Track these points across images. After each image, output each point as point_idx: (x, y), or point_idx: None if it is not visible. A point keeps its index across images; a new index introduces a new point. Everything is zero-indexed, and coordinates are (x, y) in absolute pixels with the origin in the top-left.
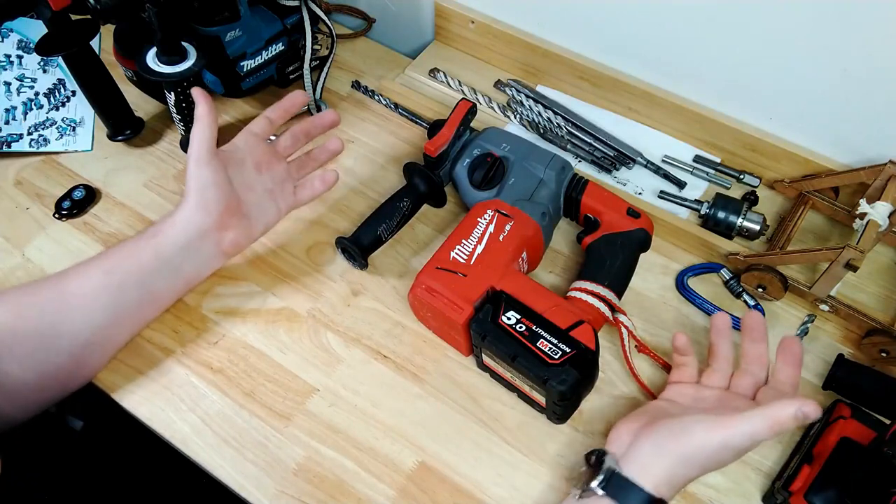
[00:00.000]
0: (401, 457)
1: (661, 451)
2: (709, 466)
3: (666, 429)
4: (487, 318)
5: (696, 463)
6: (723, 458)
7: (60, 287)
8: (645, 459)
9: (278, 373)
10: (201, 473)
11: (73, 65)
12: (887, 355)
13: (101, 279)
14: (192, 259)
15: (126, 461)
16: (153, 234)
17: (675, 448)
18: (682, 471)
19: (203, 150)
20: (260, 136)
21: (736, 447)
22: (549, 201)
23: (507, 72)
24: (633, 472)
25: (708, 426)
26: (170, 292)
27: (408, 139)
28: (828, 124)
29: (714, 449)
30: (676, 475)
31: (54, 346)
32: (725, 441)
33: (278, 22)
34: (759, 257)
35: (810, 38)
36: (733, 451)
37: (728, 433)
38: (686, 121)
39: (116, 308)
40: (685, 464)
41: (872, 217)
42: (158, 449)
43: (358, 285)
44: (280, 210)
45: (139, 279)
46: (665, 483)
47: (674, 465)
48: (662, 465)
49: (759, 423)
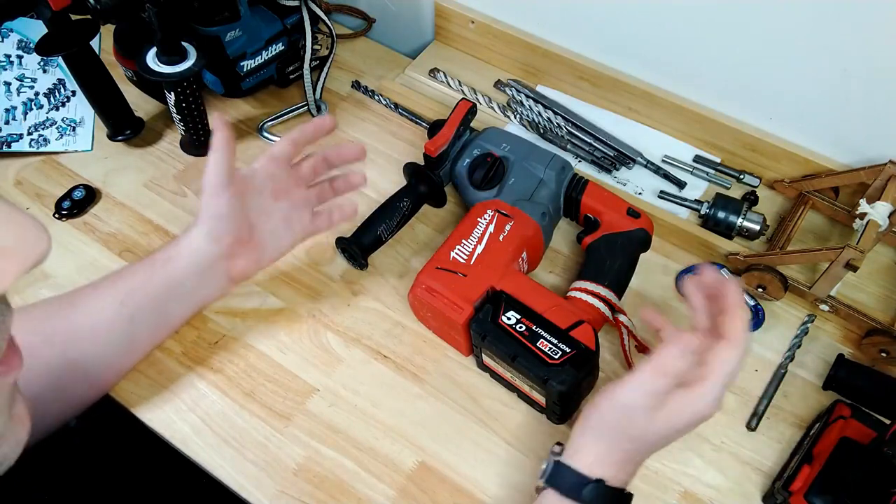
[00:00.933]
0: (401, 457)
1: (585, 428)
2: (633, 435)
3: (589, 404)
4: (487, 318)
5: (612, 434)
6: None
7: (73, 320)
8: (578, 441)
9: (278, 373)
10: (201, 473)
11: (73, 65)
12: (887, 355)
13: (115, 311)
14: (202, 285)
15: (126, 461)
16: (165, 261)
17: (591, 421)
18: (604, 444)
19: (219, 179)
20: (281, 160)
21: (633, 404)
22: (549, 201)
23: (507, 72)
24: (570, 456)
25: (610, 390)
26: (182, 317)
27: (408, 139)
28: (828, 124)
29: (617, 412)
30: (602, 450)
31: (70, 377)
32: (621, 401)
33: (278, 22)
34: (759, 257)
35: (810, 38)
36: (639, 409)
37: (619, 391)
38: (686, 121)
39: (131, 337)
40: (604, 436)
41: (872, 217)
42: (158, 449)
43: (358, 285)
44: (295, 237)
45: (152, 307)
46: (597, 462)
47: (594, 439)
48: (587, 442)
49: (644, 372)
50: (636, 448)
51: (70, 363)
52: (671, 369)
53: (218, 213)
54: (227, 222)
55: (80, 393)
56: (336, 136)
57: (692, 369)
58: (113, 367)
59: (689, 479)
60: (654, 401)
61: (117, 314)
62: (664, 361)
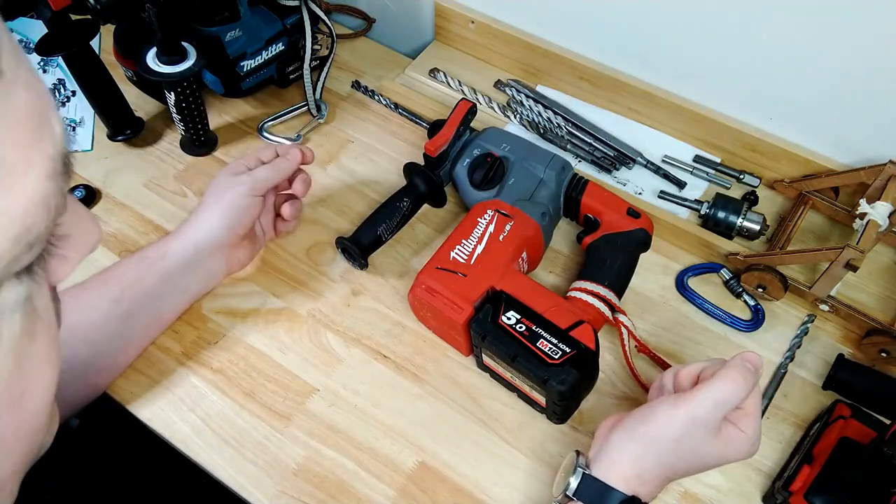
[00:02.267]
0: (401, 457)
1: (630, 439)
2: (683, 455)
3: (636, 415)
4: (487, 318)
5: (665, 448)
6: (697, 445)
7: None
8: (614, 454)
9: (278, 373)
10: (201, 473)
11: (73, 65)
12: (887, 355)
13: (109, 309)
14: (198, 276)
15: (126, 461)
16: (160, 257)
17: (643, 431)
18: (651, 459)
19: (265, 188)
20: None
21: (704, 420)
22: (549, 201)
23: (507, 72)
24: (604, 470)
25: (672, 402)
26: (175, 311)
27: (408, 139)
28: (828, 124)
29: (681, 426)
30: (647, 465)
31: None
32: (690, 414)
33: (278, 22)
34: (759, 257)
35: (810, 38)
36: (704, 427)
37: (691, 405)
38: (686, 121)
39: (124, 334)
40: (654, 450)
41: (872, 217)
42: (158, 449)
43: (358, 285)
44: (267, 238)
45: (146, 304)
46: (635, 476)
47: (643, 452)
48: (631, 454)
49: (718, 385)
50: (683, 468)
51: (64, 364)
52: (744, 386)
53: (242, 208)
54: (248, 217)
55: (76, 393)
56: (336, 136)
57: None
58: (108, 366)
59: (689, 479)
60: (720, 421)
61: (110, 313)
62: (738, 377)
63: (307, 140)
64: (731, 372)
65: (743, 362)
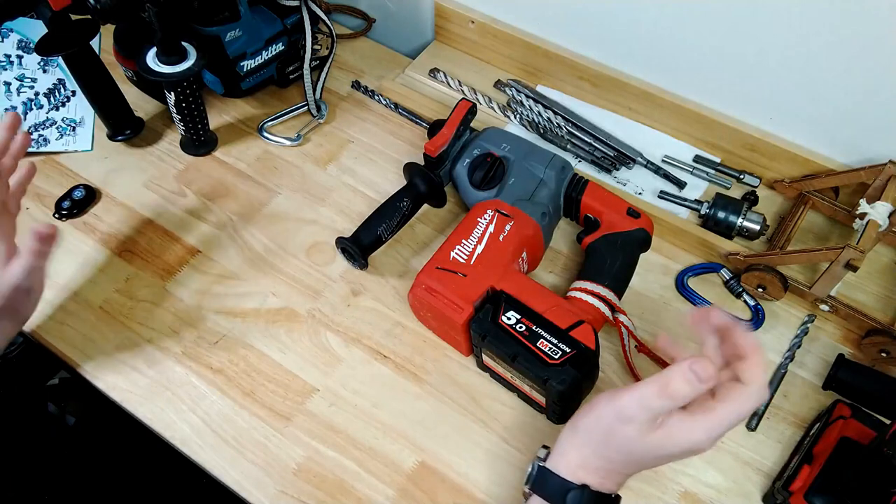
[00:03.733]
0: (401, 457)
1: (573, 429)
2: (617, 447)
3: (582, 407)
4: (487, 318)
5: (598, 440)
6: (629, 441)
7: None
8: (563, 444)
9: (278, 373)
10: (201, 473)
11: (73, 65)
12: (887, 355)
13: None
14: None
15: (126, 461)
16: None
17: (580, 423)
18: (589, 449)
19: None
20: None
21: (630, 417)
22: (549, 201)
23: (507, 72)
24: (555, 460)
25: (608, 397)
26: None
27: (408, 139)
28: (828, 124)
29: (608, 421)
30: (586, 454)
31: None
32: (616, 411)
33: (278, 22)
34: (759, 257)
35: (810, 38)
36: (631, 424)
37: (619, 402)
38: (686, 121)
39: None
40: (590, 440)
41: (872, 217)
42: (158, 449)
43: (358, 285)
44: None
45: None
46: (580, 466)
47: (581, 443)
48: (573, 444)
49: (649, 387)
50: (622, 460)
51: None
52: (678, 393)
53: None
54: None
55: None
56: (336, 136)
57: (700, 397)
58: None
59: (688, 479)
60: (651, 418)
61: None
62: (673, 383)
63: (307, 140)
64: (666, 375)
65: (687, 370)
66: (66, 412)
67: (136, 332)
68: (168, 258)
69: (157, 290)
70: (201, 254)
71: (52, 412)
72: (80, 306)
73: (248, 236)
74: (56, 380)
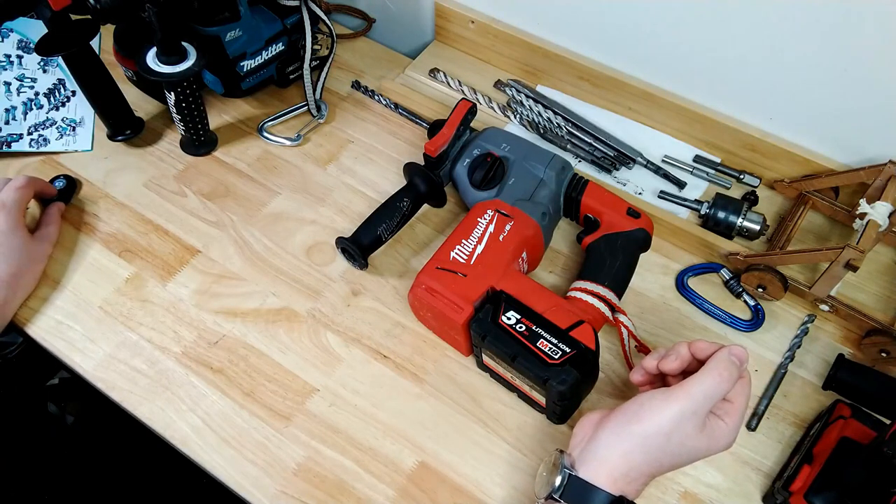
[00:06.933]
0: (401, 457)
1: (619, 436)
2: (672, 449)
3: (624, 411)
4: (487, 318)
5: (655, 444)
6: (685, 439)
7: None
8: (602, 451)
9: (278, 373)
10: (201, 473)
11: (73, 65)
12: (887, 355)
13: None
14: None
15: (126, 461)
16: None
17: (634, 429)
18: (641, 456)
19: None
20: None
21: (693, 413)
22: (549, 201)
23: (507, 72)
24: (591, 469)
25: (663, 397)
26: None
27: (408, 139)
28: (828, 124)
29: (671, 420)
30: (636, 462)
31: None
32: (681, 408)
33: (278, 22)
34: (759, 257)
35: (810, 38)
36: (692, 421)
37: (683, 399)
38: (686, 121)
39: None
40: (645, 446)
41: (872, 217)
42: (158, 449)
43: (358, 285)
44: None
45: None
46: (623, 475)
47: (632, 449)
48: (620, 452)
49: (708, 379)
50: (669, 463)
51: None
52: (733, 377)
53: None
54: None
55: None
56: (336, 136)
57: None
58: None
59: (689, 479)
60: (707, 413)
61: None
62: (725, 371)
63: (307, 140)
64: (719, 365)
65: (730, 356)
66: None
67: (136, 332)
68: (168, 258)
69: (157, 290)
70: (201, 254)
71: (52, 412)
72: (80, 306)
73: (248, 236)
74: (56, 380)
